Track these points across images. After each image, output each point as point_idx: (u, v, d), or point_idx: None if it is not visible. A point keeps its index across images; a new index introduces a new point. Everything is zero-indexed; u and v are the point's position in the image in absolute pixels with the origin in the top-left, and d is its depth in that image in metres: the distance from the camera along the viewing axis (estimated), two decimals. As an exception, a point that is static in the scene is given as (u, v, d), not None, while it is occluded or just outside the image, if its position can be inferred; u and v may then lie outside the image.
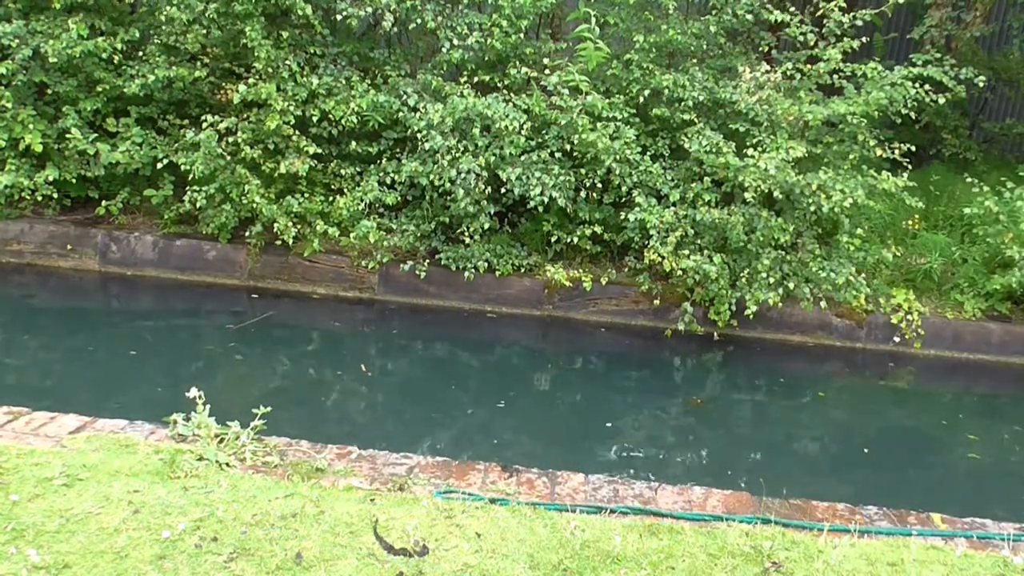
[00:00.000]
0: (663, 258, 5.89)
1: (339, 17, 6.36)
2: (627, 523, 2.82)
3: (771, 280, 5.87)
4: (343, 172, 6.56)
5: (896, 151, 6.04)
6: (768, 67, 6.28)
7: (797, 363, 6.20)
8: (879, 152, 6.09)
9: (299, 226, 6.35)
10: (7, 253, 6.53)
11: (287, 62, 6.36)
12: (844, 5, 6.27)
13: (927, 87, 6.11)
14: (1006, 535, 2.96)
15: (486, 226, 6.22)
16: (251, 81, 6.24)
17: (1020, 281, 6.09)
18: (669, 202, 6.09)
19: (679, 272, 5.92)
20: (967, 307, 6.35)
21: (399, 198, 6.39)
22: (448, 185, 6.04)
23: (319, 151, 6.38)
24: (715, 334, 6.19)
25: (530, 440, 4.70)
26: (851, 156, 6.11)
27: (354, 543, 2.54)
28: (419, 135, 6.18)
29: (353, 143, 6.56)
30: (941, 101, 6.24)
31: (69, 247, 6.54)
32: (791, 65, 6.26)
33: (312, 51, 6.65)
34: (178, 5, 6.22)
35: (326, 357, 5.70)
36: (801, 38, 6.30)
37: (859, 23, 6.22)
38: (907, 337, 6.25)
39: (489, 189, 6.13)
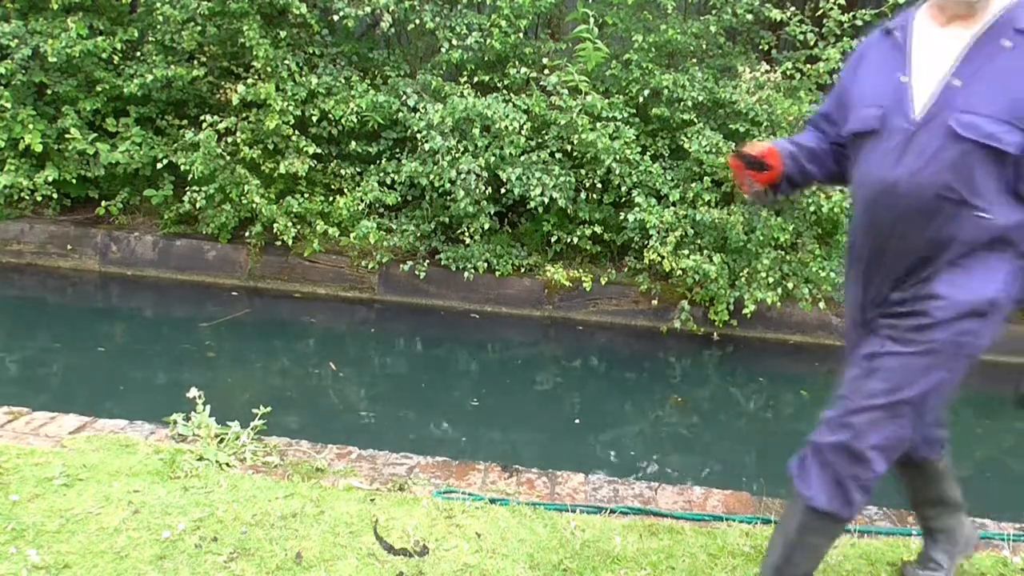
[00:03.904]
0: (663, 258, 5.89)
1: (336, 17, 6.36)
2: (627, 523, 2.82)
3: (770, 280, 5.87)
4: (343, 172, 6.56)
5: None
6: (768, 67, 6.28)
7: (797, 363, 6.20)
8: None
9: (299, 226, 6.34)
10: (7, 253, 6.53)
11: (286, 62, 6.35)
12: (844, 4, 6.27)
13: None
14: (1006, 535, 2.96)
15: (486, 226, 6.22)
16: (250, 81, 6.24)
17: (1020, 281, 6.09)
18: (669, 202, 6.09)
19: (679, 272, 5.92)
20: (967, 307, 6.35)
21: (399, 198, 6.39)
22: (448, 185, 6.04)
23: (319, 151, 6.38)
24: (714, 334, 6.19)
25: (530, 440, 4.70)
26: (851, 156, 6.11)
27: (354, 543, 2.54)
28: (419, 135, 6.18)
29: (353, 143, 6.56)
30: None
31: (69, 247, 6.54)
32: (791, 65, 6.27)
33: (311, 51, 6.64)
34: (171, 2, 6.22)
35: (317, 356, 5.70)
36: (801, 37, 6.30)
37: (859, 23, 6.23)
38: (907, 337, 6.24)
39: (489, 189, 6.13)
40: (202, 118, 6.22)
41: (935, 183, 1.95)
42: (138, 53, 6.55)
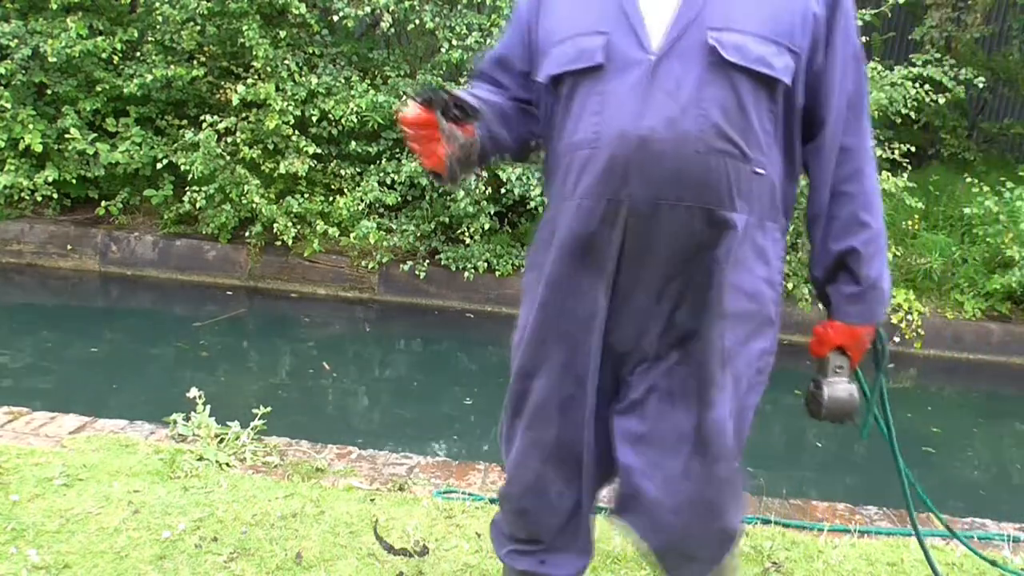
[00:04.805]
0: (663, 258, 5.88)
1: (336, 17, 6.35)
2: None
3: (771, 280, 5.87)
4: (343, 172, 6.56)
5: (896, 151, 6.04)
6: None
7: (796, 362, 6.17)
8: (878, 152, 6.09)
9: (299, 226, 6.34)
10: (7, 253, 6.53)
11: (286, 62, 6.35)
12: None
13: (927, 87, 6.11)
14: (1006, 535, 2.96)
15: (486, 226, 6.21)
16: (250, 81, 6.24)
17: (1020, 281, 6.10)
18: (669, 202, 6.08)
19: (679, 272, 5.91)
20: (967, 307, 6.36)
21: (399, 198, 6.39)
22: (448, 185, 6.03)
23: (319, 151, 6.37)
24: (715, 334, 6.18)
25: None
26: (851, 156, 6.11)
27: (354, 543, 2.54)
28: (419, 135, 6.16)
29: (353, 143, 6.56)
30: (941, 101, 6.25)
31: (69, 247, 6.54)
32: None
33: (311, 51, 6.64)
34: (170, 2, 6.21)
35: (317, 357, 5.69)
36: (801, 38, 6.29)
37: (859, 23, 6.22)
38: (907, 337, 6.25)
39: (489, 189, 6.13)
40: (202, 118, 6.22)
41: (703, 132, 1.43)
42: (138, 53, 6.55)
